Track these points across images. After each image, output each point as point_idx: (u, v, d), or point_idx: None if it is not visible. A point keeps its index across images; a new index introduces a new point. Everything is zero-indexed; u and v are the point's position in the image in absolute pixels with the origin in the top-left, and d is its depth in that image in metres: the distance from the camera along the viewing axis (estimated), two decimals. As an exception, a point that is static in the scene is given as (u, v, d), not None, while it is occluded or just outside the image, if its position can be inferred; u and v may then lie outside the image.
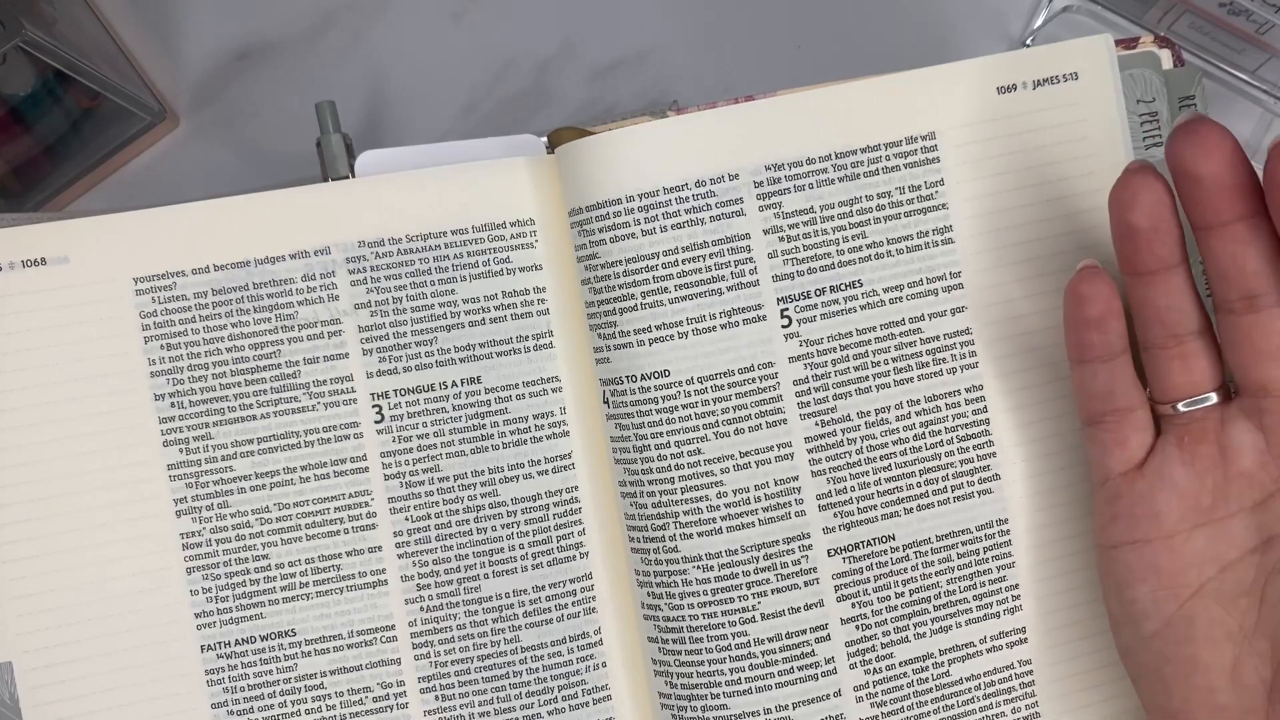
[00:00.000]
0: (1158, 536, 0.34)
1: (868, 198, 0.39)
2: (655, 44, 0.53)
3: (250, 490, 0.39)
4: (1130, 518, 0.34)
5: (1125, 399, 0.35)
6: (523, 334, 0.40)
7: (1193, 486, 0.33)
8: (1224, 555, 0.33)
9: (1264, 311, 0.32)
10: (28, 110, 0.49)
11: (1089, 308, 0.34)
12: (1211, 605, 0.33)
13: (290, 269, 0.39)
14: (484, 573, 0.40)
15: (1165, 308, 0.33)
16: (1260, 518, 0.33)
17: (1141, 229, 0.32)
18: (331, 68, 0.53)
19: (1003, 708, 0.40)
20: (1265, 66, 0.50)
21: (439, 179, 0.40)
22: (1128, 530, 0.34)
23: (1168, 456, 0.34)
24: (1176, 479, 0.34)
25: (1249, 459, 0.33)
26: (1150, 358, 0.34)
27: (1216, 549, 0.33)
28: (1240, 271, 0.31)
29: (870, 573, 0.39)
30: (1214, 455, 0.33)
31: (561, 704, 0.40)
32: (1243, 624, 0.33)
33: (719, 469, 0.38)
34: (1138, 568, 0.34)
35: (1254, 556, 0.33)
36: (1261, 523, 0.33)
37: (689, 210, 0.38)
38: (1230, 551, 0.33)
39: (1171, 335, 0.33)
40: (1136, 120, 0.40)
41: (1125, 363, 0.35)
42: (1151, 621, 0.34)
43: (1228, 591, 0.33)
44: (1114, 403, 0.35)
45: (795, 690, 0.38)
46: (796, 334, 0.38)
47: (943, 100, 0.39)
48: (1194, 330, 0.33)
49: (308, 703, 0.39)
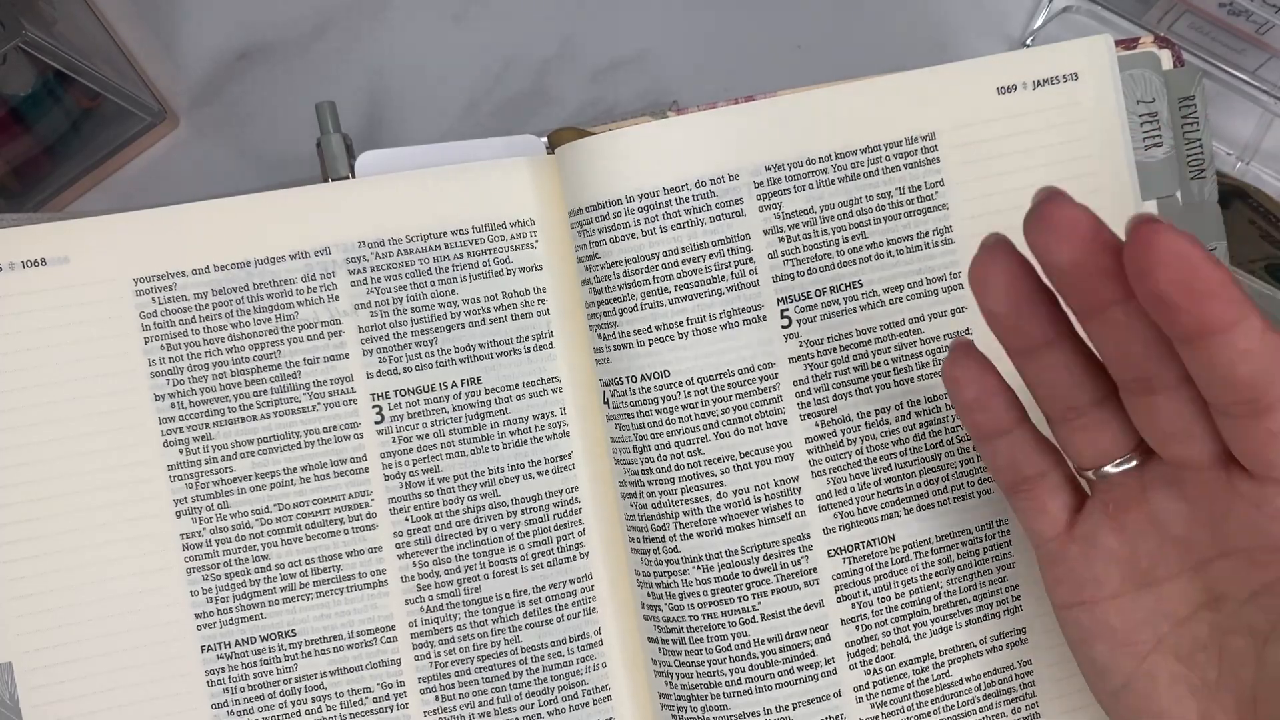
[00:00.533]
0: (1104, 598, 0.32)
1: (868, 198, 0.39)
2: (655, 44, 0.53)
3: (250, 491, 0.39)
4: (1073, 581, 0.33)
5: (1032, 467, 0.33)
6: (523, 334, 0.40)
7: (1126, 551, 0.32)
8: (1175, 612, 0.32)
9: (1161, 394, 0.28)
10: (28, 110, 0.49)
11: (964, 391, 0.32)
12: (1171, 660, 0.32)
13: (290, 269, 0.39)
14: (484, 573, 0.40)
15: (1052, 383, 0.30)
16: (1204, 579, 0.31)
17: (1000, 313, 0.29)
18: (331, 68, 0.53)
19: (1003, 708, 0.40)
20: (1265, 66, 0.50)
21: (439, 179, 0.40)
22: (1073, 592, 0.33)
23: (1096, 523, 0.32)
24: (1109, 545, 0.32)
25: (1178, 527, 0.31)
26: (1055, 429, 0.32)
27: (1168, 606, 0.32)
28: (1127, 357, 0.28)
29: (870, 573, 0.39)
30: (1143, 521, 0.31)
31: (561, 704, 0.40)
32: (1205, 678, 0.31)
33: (719, 469, 0.38)
34: (1091, 627, 0.33)
35: (1206, 613, 0.31)
36: (1206, 584, 0.31)
37: (689, 210, 0.38)
38: (1180, 609, 0.31)
39: (1068, 408, 0.31)
40: (1136, 120, 0.40)
41: (1024, 432, 0.32)
42: (1115, 678, 0.33)
43: (1185, 647, 0.32)
44: (1022, 472, 0.33)
45: (795, 690, 0.38)
46: (797, 334, 0.38)
47: (943, 101, 0.39)
48: (1090, 401, 0.30)
49: (308, 703, 0.39)
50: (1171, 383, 0.28)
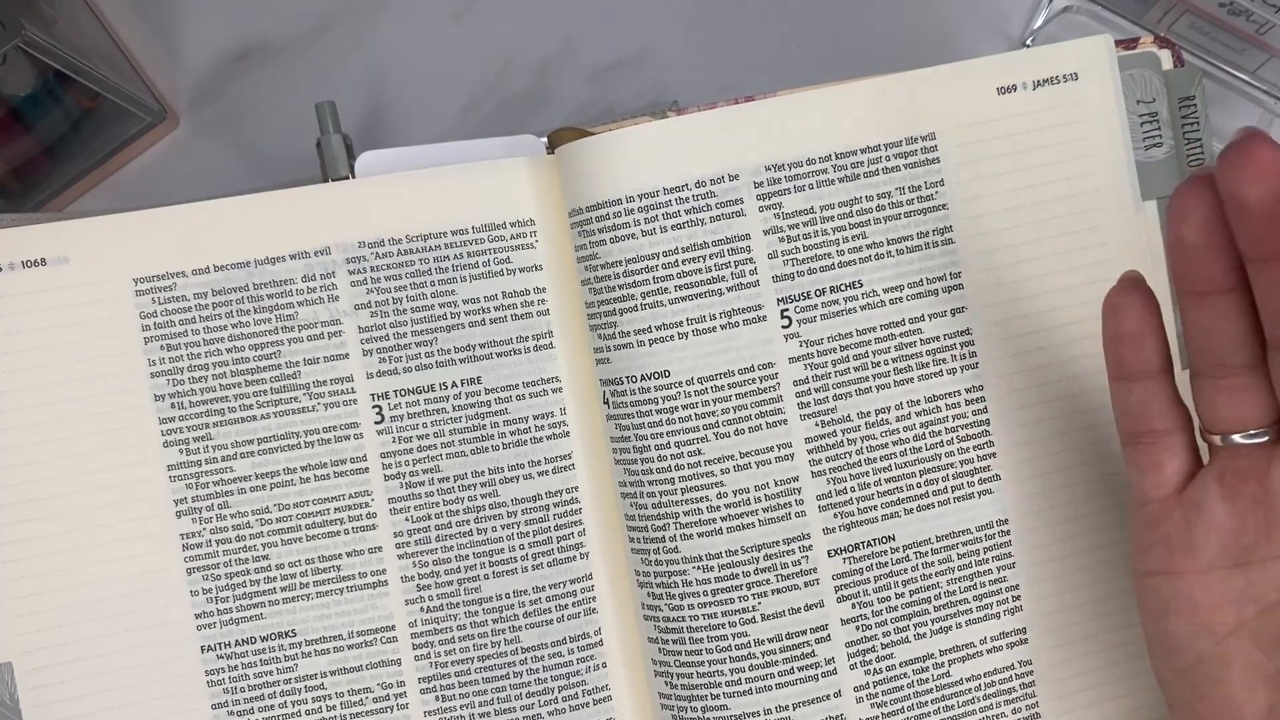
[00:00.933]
0: (1193, 570, 0.32)
1: (868, 198, 0.39)
2: (655, 44, 0.53)
3: (250, 491, 0.39)
4: (1166, 547, 0.32)
5: (1161, 421, 0.32)
6: (523, 334, 0.40)
7: (1232, 524, 0.31)
8: (1265, 597, 0.31)
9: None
10: (28, 110, 0.49)
11: (1122, 321, 0.32)
12: (1249, 647, 0.31)
13: (290, 269, 0.39)
14: (484, 573, 0.40)
15: (1214, 333, 0.30)
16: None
17: (1191, 244, 0.29)
18: (331, 68, 0.53)
19: (1003, 708, 0.40)
20: (1265, 66, 0.50)
21: (439, 179, 0.40)
22: (1163, 560, 0.32)
23: (1208, 490, 0.32)
24: (1215, 514, 0.31)
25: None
26: (1197, 384, 0.31)
27: (1257, 590, 0.31)
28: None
29: (870, 573, 0.39)
30: (1257, 495, 0.31)
31: (561, 704, 0.40)
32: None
33: (719, 469, 0.38)
34: (1172, 599, 0.32)
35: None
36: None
37: (689, 211, 0.38)
38: (1270, 594, 0.31)
39: (1219, 364, 0.30)
40: (1137, 120, 0.40)
41: (1164, 382, 0.32)
42: (1185, 655, 0.32)
43: (1267, 634, 0.31)
44: (1149, 423, 0.32)
45: (795, 690, 0.38)
46: (797, 334, 0.38)
47: (943, 101, 0.39)
48: (1245, 363, 0.30)
49: (308, 703, 0.39)
50: None
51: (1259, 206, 0.27)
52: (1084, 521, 0.40)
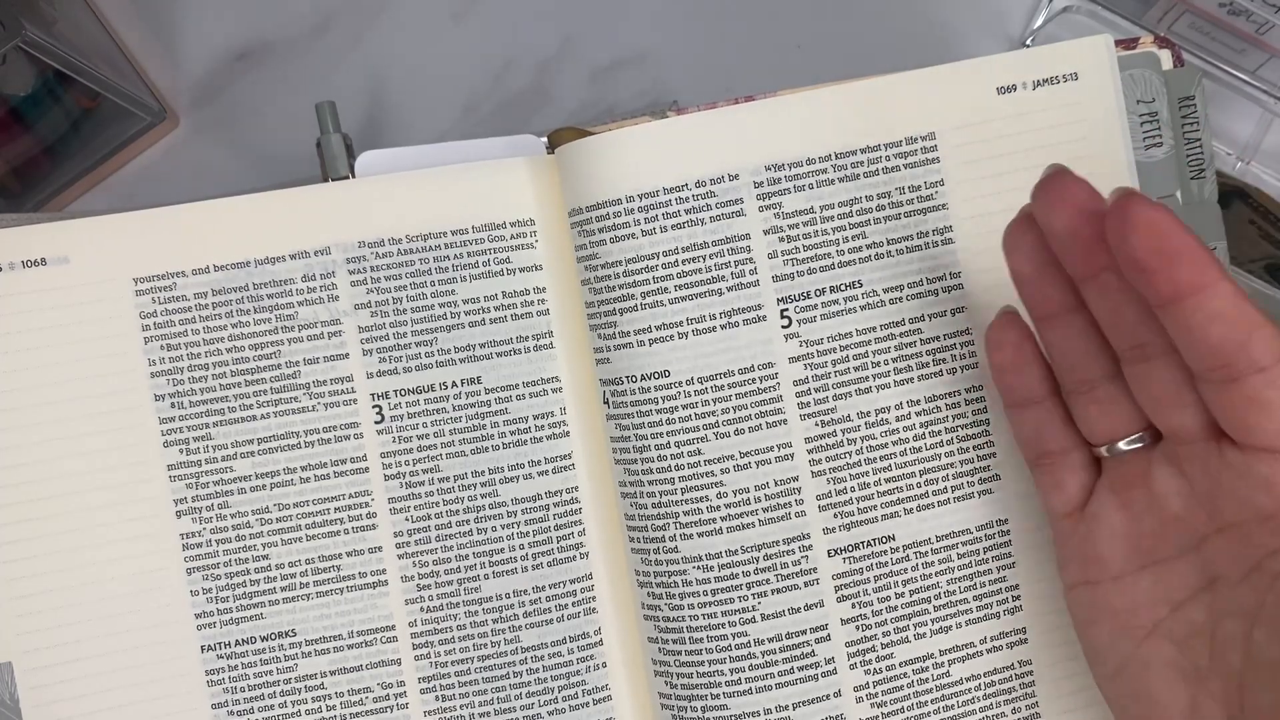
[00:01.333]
0: (1105, 578, 0.33)
1: (868, 198, 0.39)
2: (655, 44, 0.53)
3: (250, 490, 0.39)
4: (1079, 559, 0.34)
5: (1056, 442, 0.34)
6: (523, 334, 0.40)
7: (1130, 529, 0.33)
8: (1173, 596, 0.32)
9: (1154, 360, 0.31)
10: (28, 110, 0.49)
11: (999, 354, 0.34)
12: (1166, 646, 0.32)
13: (290, 269, 0.39)
14: (484, 573, 0.40)
15: (1070, 351, 0.33)
16: (1201, 559, 0.32)
17: (1024, 273, 0.32)
18: (331, 68, 0.53)
19: (1003, 708, 0.40)
20: (1265, 66, 0.50)
21: (439, 179, 0.40)
22: (1079, 572, 0.34)
23: (1103, 501, 0.33)
24: (1113, 522, 0.33)
25: (1176, 504, 0.32)
26: (1071, 401, 0.34)
27: (1164, 590, 0.32)
28: (1121, 323, 0.31)
29: (870, 573, 0.39)
30: (1146, 499, 0.33)
31: (562, 704, 0.40)
32: (1197, 665, 0.32)
33: (719, 469, 0.38)
34: (1092, 608, 0.34)
35: (1203, 596, 0.32)
36: (1203, 564, 0.32)
37: (689, 210, 0.38)
38: (1178, 592, 0.32)
39: (1082, 380, 0.33)
40: (1136, 120, 0.40)
41: (1053, 405, 0.34)
42: (1111, 661, 0.33)
43: (1180, 632, 0.32)
44: (1045, 445, 0.34)
45: (795, 690, 0.38)
46: (797, 334, 0.38)
47: (942, 101, 0.39)
48: (1103, 374, 0.33)
49: (308, 703, 0.39)
50: (1161, 350, 0.30)
51: (1068, 233, 0.30)
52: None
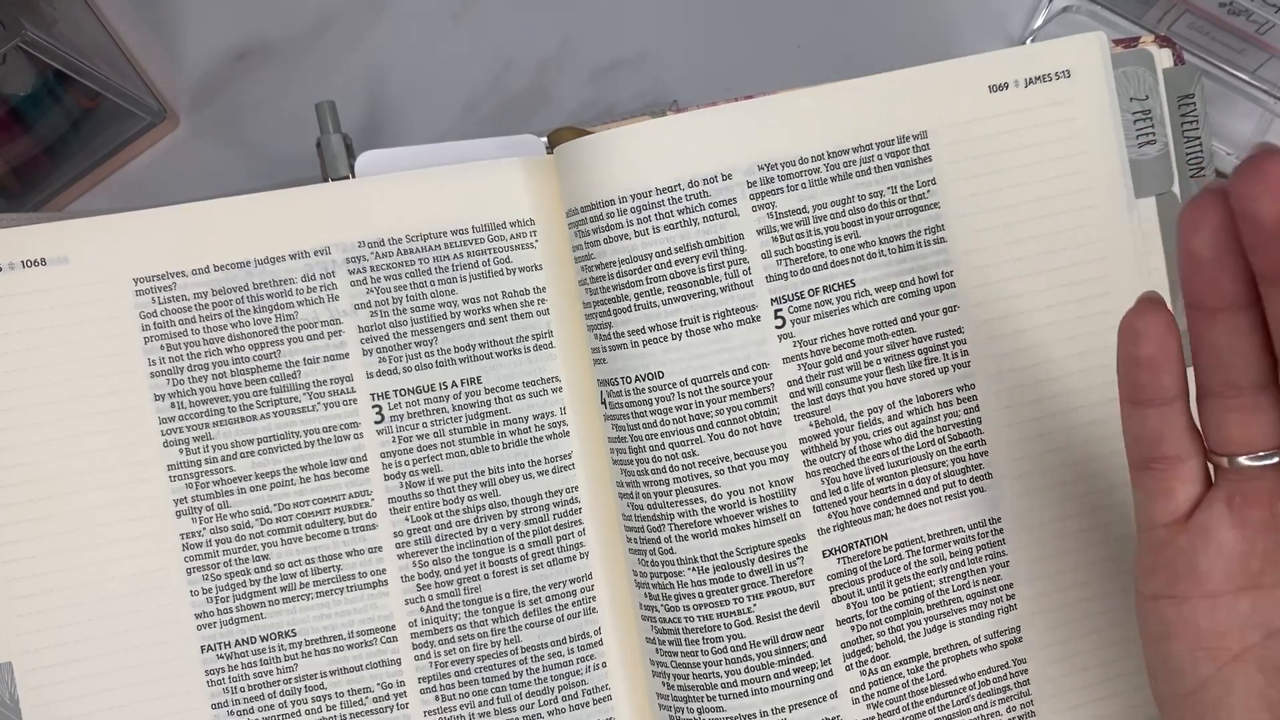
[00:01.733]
0: (1198, 595, 0.31)
1: (860, 197, 0.39)
2: (655, 44, 0.53)
3: (250, 490, 0.39)
4: (1170, 571, 0.31)
5: (1175, 448, 0.31)
6: (522, 334, 0.40)
7: (1240, 549, 0.30)
8: (1271, 623, 0.30)
9: None
10: (28, 110, 0.49)
11: (1141, 346, 0.30)
12: (1253, 673, 0.30)
13: (290, 269, 0.39)
14: (484, 573, 0.40)
15: (1225, 351, 0.29)
16: None
17: (1202, 257, 0.28)
18: (331, 68, 0.53)
19: (997, 707, 0.39)
20: (1265, 66, 0.49)
21: (439, 179, 0.40)
22: (1167, 584, 0.31)
23: (1216, 514, 0.31)
24: (1223, 540, 0.30)
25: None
26: (1205, 404, 0.30)
27: (1263, 615, 0.30)
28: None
29: (864, 573, 0.39)
30: (1266, 520, 0.30)
31: (561, 704, 0.40)
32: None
33: (714, 470, 0.38)
34: (1175, 623, 0.31)
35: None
36: None
37: (682, 210, 0.38)
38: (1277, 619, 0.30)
39: (1229, 384, 0.29)
40: (1130, 118, 0.40)
41: (1180, 409, 0.31)
42: (1187, 680, 0.31)
43: (1272, 660, 0.30)
44: (1162, 450, 0.31)
45: (791, 692, 0.38)
46: (790, 334, 0.38)
47: (934, 99, 0.39)
48: (1254, 382, 0.29)
49: (308, 703, 0.39)
50: None
51: (1275, 225, 0.26)
52: (1077, 519, 0.40)
